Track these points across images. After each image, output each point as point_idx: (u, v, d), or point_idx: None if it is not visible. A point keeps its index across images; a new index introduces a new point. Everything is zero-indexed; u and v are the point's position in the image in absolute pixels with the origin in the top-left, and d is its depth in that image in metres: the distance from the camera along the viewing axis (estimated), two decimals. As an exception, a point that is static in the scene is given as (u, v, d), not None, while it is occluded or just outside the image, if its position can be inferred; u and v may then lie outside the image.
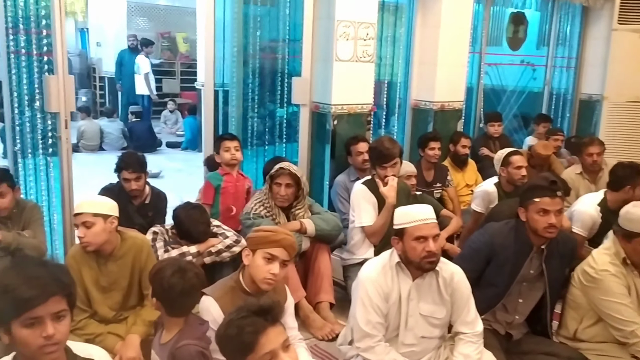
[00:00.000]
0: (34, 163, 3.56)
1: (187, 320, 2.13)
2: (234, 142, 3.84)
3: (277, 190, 3.28)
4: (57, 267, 1.65)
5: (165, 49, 11.89)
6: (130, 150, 3.76)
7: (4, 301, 1.51)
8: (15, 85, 3.46)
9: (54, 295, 1.54)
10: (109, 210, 2.68)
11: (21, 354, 1.58)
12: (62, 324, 1.56)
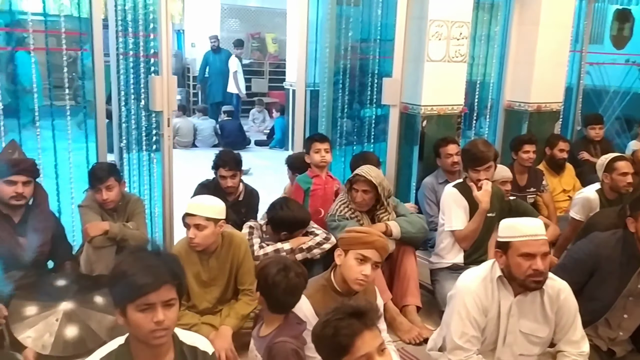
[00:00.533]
0: (138, 158, 3.78)
1: (286, 318, 2.18)
2: (325, 143, 3.80)
3: (355, 196, 3.27)
4: (171, 258, 1.76)
5: (254, 49, 12.22)
6: (227, 149, 3.88)
7: (121, 285, 1.65)
8: (123, 85, 3.70)
9: (166, 284, 1.64)
10: (219, 214, 2.78)
11: (133, 336, 1.70)
12: (171, 311, 1.66)
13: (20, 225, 3.01)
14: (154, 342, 1.66)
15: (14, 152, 3.00)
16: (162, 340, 1.67)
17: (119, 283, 1.65)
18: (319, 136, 3.94)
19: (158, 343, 1.67)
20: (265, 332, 2.19)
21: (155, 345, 1.67)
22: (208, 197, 2.86)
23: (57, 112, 3.52)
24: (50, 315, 2.85)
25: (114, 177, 3.25)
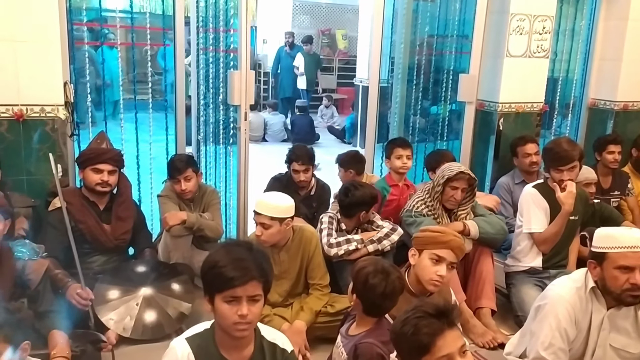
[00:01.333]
0: (215, 151, 3.88)
1: (379, 322, 2.14)
2: (407, 150, 3.68)
3: (452, 194, 3.14)
4: (260, 254, 1.79)
5: (324, 45, 12.26)
6: (301, 144, 3.91)
7: (211, 275, 1.70)
8: (202, 79, 3.80)
9: (253, 280, 1.68)
10: (285, 213, 2.77)
11: (217, 324, 1.76)
12: (255, 306, 1.69)
13: (104, 213, 3.16)
14: (236, 334, 1.70)
15: (102, 142, 3.14)
16: (243, 334, 1.71)
17: (210, 273, 1.70)
18: (401, 141, 3.79)
19: (239, 335, 1.71)
20: (355, 331, 2.16)
21: (236, 337, 1.71)
22: (275, 196, 2.85)
23: (139, 106, 3.67)
24: (131, 299, 2.97)
25: (191, 169, 3.35)
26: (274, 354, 1.83)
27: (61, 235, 2.97)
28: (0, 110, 3.04)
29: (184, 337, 1.78)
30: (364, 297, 2.14)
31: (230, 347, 1.77)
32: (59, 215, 3.00)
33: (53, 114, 3.14)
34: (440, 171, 3.20)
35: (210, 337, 1.78)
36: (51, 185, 3.20)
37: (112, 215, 3.16)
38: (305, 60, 9.85)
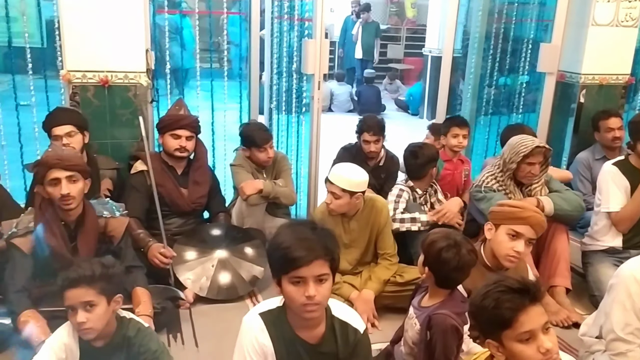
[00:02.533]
0: (287, 120, 3.92)
1: (451, 293, 2.14)
2: (464, 129, 3.67)
3: (529, 169, 3.03)
4: (325, 233, 1.73)
5: (392, 14, 12.02)
6: (372, 114, 3.88)
7: (277, 257, 1.67)
8: (276, 48, 3.82)
9: (319, 259, 1.63)
10: (357, 188, 2.78)
11: (287, 306, 1.74)
12: (323, 286, 1.65)
13: (182, 177, 3.28)
14: (305, 315, 1.67)
15: (181, 109, 3.24)
16: (313, 315, 1.67)
17: (274, 255, 1.68)
18: (459, 121, 3.79)
19: (309, 317, 1.68)
20: (428, 303, 2.17)
21: (306, 318, 1.70)
22: (351, 169, 2.85)
23: (215, 74, 3.74)
24: (207, 261, 3.10)
25: (272, 141, 3.43)
26: (346, 333, 1.80)
27: (142, 197, 3.12)
28: (88, 77, 3.18)
29: (257, 313, 1.78)
30: (436, 270, 2.13)
31: (301, 326, 1.76)
32: (141, 178, 3.14)
33: (135, 80, 3.26)
34: (511, 147, 3.04)
35: (283, 315, 1.76)
36: (133, 149, 3.35)
37: (189, 179, 3.27)
38: (363, 29, 9.70)
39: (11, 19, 3.25)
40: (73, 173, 2.38)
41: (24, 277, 2.39)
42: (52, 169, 2.34)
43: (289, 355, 1.76)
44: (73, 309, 1.85)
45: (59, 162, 2.35)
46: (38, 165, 2.40)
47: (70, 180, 2.37)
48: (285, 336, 1.76)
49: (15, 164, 3.46)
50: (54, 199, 2.39)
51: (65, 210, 2.41)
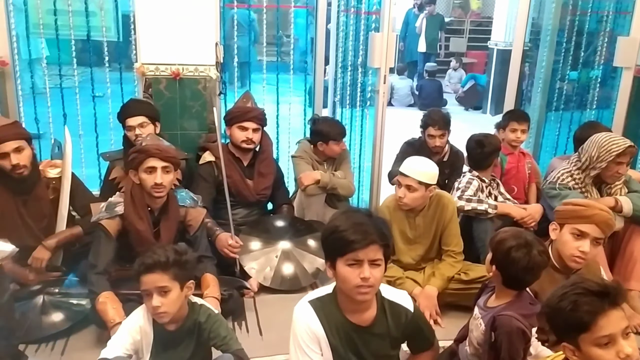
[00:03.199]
0: (350, 114, 3.92)
1: (519, 294, 2.09)
2: (523, 124, 3.58)
3: (617, 169, 2.91)
4: (380, 221, 1.81)
5: (456, 6, 11.77)
6: (437, 108, 3.82)
7: (333, 240, 1.74)
8: (342, 41, 3.82)
9: (374, 244, 1.70)
10: (432, 180, 2.78)
11: (339, 288, 1.80)
12: (377, 270, 1.72)
13: (248, 169, 3.34)
14: (358, 297, 1.73)
15: (248, 101, 3.29)
16: (365, 297, 1.74)
17: (331, 237, 1.75)
18: (518, 115, 3.68)
19: (361, 299, 1.74)
20: (494, 303, 2.12)
21: (358, 300, 1.75)
22: (424, 161, 2.84)
23: (280, 67, 3.78)
24: (271, 251, 3.15)
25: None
26: (398, 314, 1.87)
27: (210, 187, 3.21)
28: (161, 69, 3.29)
29: (307, 301, 1.85)
30: (504, 270, 2.07)
31: (352, 310, 1.81)
32: (209, 168, 3.23)
33: (205, 73, 3.34)
34: (600, 145, 2.92)
35: (333, 301, 1.83)
36: (201, 141, 3.44)
37: (255, 171, 3.33)
38: (427, 21, 9.53)
39: (90, 13, 3.39)
40: (168, 164, 2.51)
41: (106, 260, 2.51)
42: (150, 158, 2.47)
43: (340, 339, 1.82)
44: (148, 294, 1.93)
45: (158, 153, 2.48)
46: (138, 151, 2.51)
47: (165, 170, 2.50)
48: (336, 321, 1.82)
49: (91, 152, 3.62)
50: (145, 186, 2.51)
51: (154, 198, 2.53)
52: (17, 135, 2.66)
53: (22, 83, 3.41)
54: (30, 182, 2.74)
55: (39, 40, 3.43)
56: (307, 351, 1.78)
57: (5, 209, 2.70)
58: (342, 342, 1.81)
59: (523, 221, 3.13)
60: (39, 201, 2.79)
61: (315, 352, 1.79)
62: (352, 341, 1.82)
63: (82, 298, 2.63)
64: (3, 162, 2.63)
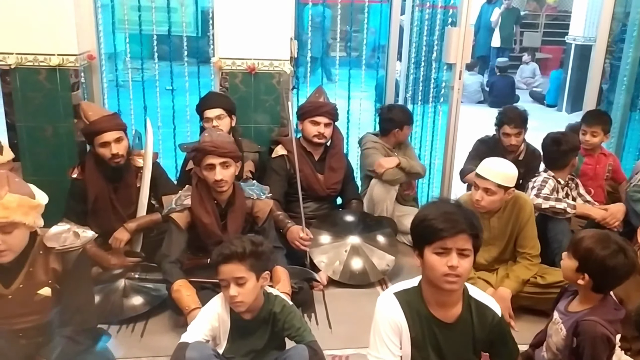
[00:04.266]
0: (422, 110, 3.87)
1: (604, 299, 2.01)
2: (594, 127, 3.44)
3: None
4: (470, 212, 1.78)
5: (531, 0, 11.35)
6: (514, 105, 3.71)
7: (421, 228, 1.73)
8: (415, 36, 3.78)
9: (463, 233, 1.68)
10: (511, 182, 2.70)
11: (425, 279, 1.79)
12: (465, 260, 1.70)
13: (318, 163, 3.37)
14: (445, 286, 1.71)
15: (320, 96, 3.32)
16: (453, 287, 1.72)
17: (420, 226, 1.74)
18: (589, 117, 3.55)
19: (449, 288, 1.72)
20: (577, 308, 2.04)
21: (445, 290, 1.73)
22: (503, 163, 2.75)
23: (352, 62, 3.78)
24: (340, 246, 3.16)
25: None
26: (484, 315, 1.82)
27: (282, 180, 3.25)
28: (237, 64, 3.37)
29: (392, 292, 1.83)
30: (598, 276, 1.96)
31: (438, 305, 1.79)
32: (281, 161, 3.28)
33: (280, 68, 3.39)
34: None
35: (418, 294, 1.82)
36: (274, 134, 3.50)
37: (325, 165, 3.36)
38: (503, 15, 9.24)
39: (171, 9, 3.51)
40: (226, 159, 2.55)
41: (178, 250, 2.60)
42: (207, 155, 2.53)
43: (423, 333, 1.80)
44: (226, 284, 1.98)
45: (214, 150, 2.53)
46: (196, 150, 2.58)
47: (224, 166, 2.55)
48: (419, 314, 1.80)
49: (169, 143, 3.76)
50: (208, 182, 2.58)
51: (218, 192, 2.59)
52: (118, 126, 2.83)
53: (106, 76, 3.59)
54: (123, 170, 2.90)
55: (122, 35, 3.58)
56: (386, 342, 1.78)
57: (99, 194, 2.88)
58: (423, 336, 1.80)
59: (605, 222, 3.00)
60: (128, 188, 2.95)
61: (394, 344, 1.79)
62: (434, 336, 1.81)
63: (160, 284, 2.74)
64: (103, 151, 2.79)
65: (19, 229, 1.86)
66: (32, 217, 1.89)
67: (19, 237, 1.88)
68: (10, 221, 1.81)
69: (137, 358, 2.42)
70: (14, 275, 1.96)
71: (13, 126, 3.30)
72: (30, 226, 1.90)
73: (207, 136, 2.60)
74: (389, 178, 3.34)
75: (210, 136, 2.59)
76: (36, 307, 2.01)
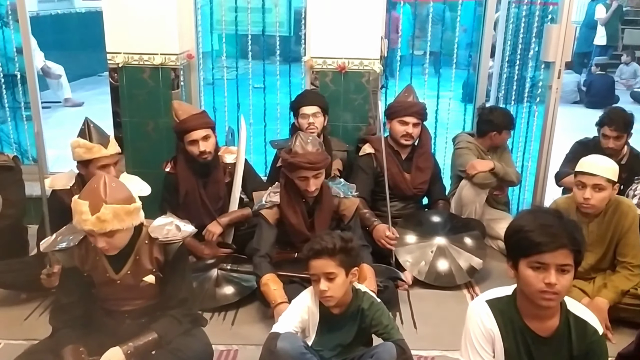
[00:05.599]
0: (516, 110, 3.74)
1: None
2: None
3: None
4: (572, 223, 1.65)
5: (634, -6, 10.65)
6: (620, 107, 3.49)
7: (517, 239, 1.63)
8: (511, 34, 3.66)
9: (563, 248, 1.56)
10: (617, 176, 2.59)
11: (521, 291, 1.69)
12: (564, 277, 1.58)
13: (405, 162, 3.35)
14: (541, 302, 1.61)
15: (409, 95, 3.29)
16: (549, 304, 1.61)
17: (515, 237, 1.64)
18: None
19: (545, 305, 1.62)
20: None
21: (541, 306, 1.63)
22: (603, 158, 2.64)
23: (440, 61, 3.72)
24: (426, 246, 3.14)
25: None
26: (583, 331, 1.70)
27: (368, 179, 3.27)
28: (328, 62, 3.42)
29: (484, 300, 1.76)
30: None
31: (533, 316, 1.70)
32: (368, 160, 3.29)
33: (370, 67, 3.41)
34: None
35: (512, 303, 1.73)
36: (361, 133, 3.52)
37: (413, 165, 3.33)
38: (607, 12, 8.72)
39: (266, 9, 3.62)
40: (319, 172, 2.61)
41: (267, 245, 2.69)
42: (301, 170, 2.57)
43: (516, 345, 1.72)
44: (316, 278, 2.02)
45: (308, 167, 2.56)
46: (289, 163, 2.59)
47: (315, 177, 2.61)
48: (513, 325, 1.72)
49: (259, 139, 3.87)
50: (299, 187, 2.64)
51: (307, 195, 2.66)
52: (206, 124, 2.96)
53: (203, 75, 3.75)
54: (211, 166, 3.03)
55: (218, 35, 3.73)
56: (479, 350, 1.74)
57: (189, 189, 3.02)
58: (517, 347, 1.72)
59: None
60: (216, 184, 3.08)
61: (487, 353, 1.74)
62: (527, 349, 1.72)
63: (250, 275, 2.84)
64: (192, 148, 2.93)
65: (119, 232, 1.98)
66: (129, 222, 1.98)
67: (120, 238, 2.00)
68: (107, 231, 1.93)
69: (227, 345, 2.52)
70: (123, 262, 2.11)
71: (119, 122, 3.53)
72: (129, 229, 2.01)
73: (298, 147, 2.59)
74: (479, 181, 3.25)
75: (302, 148, 2.58)
76: (141, 293, 2.16)
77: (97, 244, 1.98)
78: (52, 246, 2.13)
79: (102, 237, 1.95)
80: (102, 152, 2.66)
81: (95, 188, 1.96)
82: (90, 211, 1.91)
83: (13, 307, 2.80)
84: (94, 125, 2.70)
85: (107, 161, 2.69)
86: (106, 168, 2.67)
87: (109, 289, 2.15)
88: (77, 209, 1.94)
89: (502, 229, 2.78)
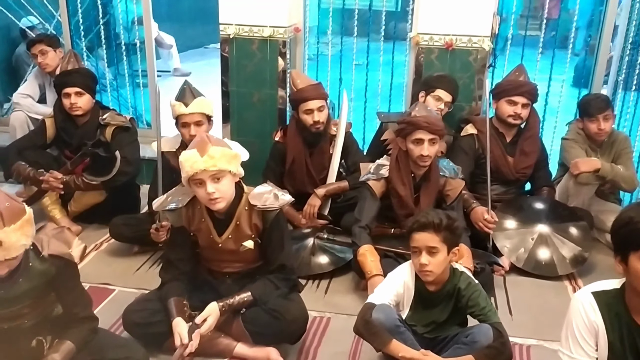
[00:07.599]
0: (636, 97, 3.48)
1: None
2: None
3: None
4: None
5: None
6: None
7: (625, 232, 1.53)
8: (637, 13, 3.39)
9: None
10: None
11: (631, 285, 1.59)
12: None
13: (510, 145, 3.22)
14: None
15: (520, 75, 3.15)
16: None
17: (624, 229, 1.55)
18: None
19: None
20: None
21: None
22: None
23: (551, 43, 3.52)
24: (526, 233, 3.02)
25: (611, 109, 3.12)
26: None
27: (469, 160, 3.18)
28: (435, 39, 3.35)
29: (590, 291, 1.68)
30: None
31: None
32: (470, 141, 3.21)
33: (478, 44, 3.30)
34: None
35: (620, 298, 1.64)
36: (464, 113, 3.43)
37: (517, 148, 3.20)
38: None
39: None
40: (435, 136, 2.59)
41: (369, 216, 2.71)
42: (419, 130, 2.57)
43: (622, 340, 1.64)
44: (418, 251, 2.01)
45: (427, 126, 2.56)
46: (407, 122, 2.61)
47: (431, 142, 2.59)
48: (620, 320, 1.64)
49: (358, 115, 3.88)
50: (411, 155, 2.64)
51: (418, 166, 2.65)
52: (322, 96, 3.05)
53: (308, 49, 3.80)
54: (320, 137, 3.11)
55: (323, 10, 3.75)
56: (581, 342, 1.67)
57: (297, 157, 3.13)
58: (622, 342, 1.64)
59: None
60: (322, 154, 3.16)
61: (590, 346, 1.67)
62: (634, 345, 1.64)
63: (345, 247, 2.88)
64: (306, 117, 3.03)
65: (226, 177, 2.08)
66: (234, 165, 2.10)
67: (227, 185, 2.10)
68: (218, 169, 2.04)
69: (321, 312, 2.59)
70: (225, 227, 2.23)
71: (227, 92, 3.68)
72: (234, 174, 2.11)
73: (418, 110, 2.63)
74: (582, 181, 3.05)
75: (421, 112, 2.62)
76: (241, 257, 2.28)
77: (206, 191, 2.05)
78: (163, 206, 2.27)
79: (212, 182, 2.05)
80: (181, 110, 2.79)
81: (199, 139, 2.10)
82: (199, 153, 2.03)
83: (126, 259, 3.03)
84: (187, 86, 2.83)
85: (186, 119, 2.79)
86: (187, 127, 2.78)
87: (211, 250, 2.27)
88: (185, 158, 2.06)
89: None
